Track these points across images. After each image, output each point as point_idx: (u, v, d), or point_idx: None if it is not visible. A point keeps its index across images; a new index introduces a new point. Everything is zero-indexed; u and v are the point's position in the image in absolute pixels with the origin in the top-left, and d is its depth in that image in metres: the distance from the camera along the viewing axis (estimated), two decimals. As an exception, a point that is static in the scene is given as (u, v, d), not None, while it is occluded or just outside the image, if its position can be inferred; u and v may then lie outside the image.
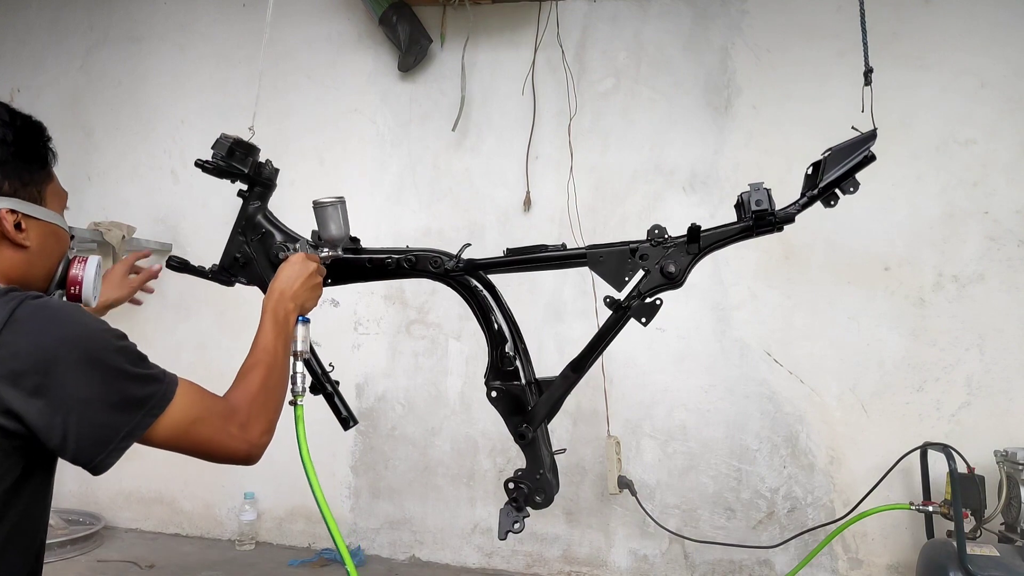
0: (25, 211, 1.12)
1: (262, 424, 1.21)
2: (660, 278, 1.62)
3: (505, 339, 1.74)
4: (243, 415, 1.18)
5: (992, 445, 2.63)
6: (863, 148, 1.54)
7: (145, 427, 1.03)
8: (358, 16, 3.59)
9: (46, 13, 4.12)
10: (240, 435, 1.16)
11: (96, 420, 0.99)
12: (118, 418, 1.01)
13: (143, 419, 1.03)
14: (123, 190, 3.90)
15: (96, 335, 1.02)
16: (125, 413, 1.01)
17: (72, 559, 3.31)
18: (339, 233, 1.62)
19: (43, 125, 1.21)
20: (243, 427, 1.17)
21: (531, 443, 1.71)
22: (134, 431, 1.02)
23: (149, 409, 1.04)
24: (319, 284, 1.55)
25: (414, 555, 3.41)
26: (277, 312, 1.41)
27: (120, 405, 1.01)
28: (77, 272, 1.23)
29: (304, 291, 1.48)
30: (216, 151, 1.70)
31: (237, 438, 1.16)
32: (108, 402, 1.00)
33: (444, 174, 3.47)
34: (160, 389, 1.06)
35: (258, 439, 1.20)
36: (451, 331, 3.42)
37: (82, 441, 0.98)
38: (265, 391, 1.26)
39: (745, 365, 3.08)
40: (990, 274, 2.85)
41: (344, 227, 1.63)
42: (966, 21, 2.91)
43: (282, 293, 1.44)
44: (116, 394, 1.01)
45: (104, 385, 0.99)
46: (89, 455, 1.00)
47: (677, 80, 3.22)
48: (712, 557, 3.07)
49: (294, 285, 1.46)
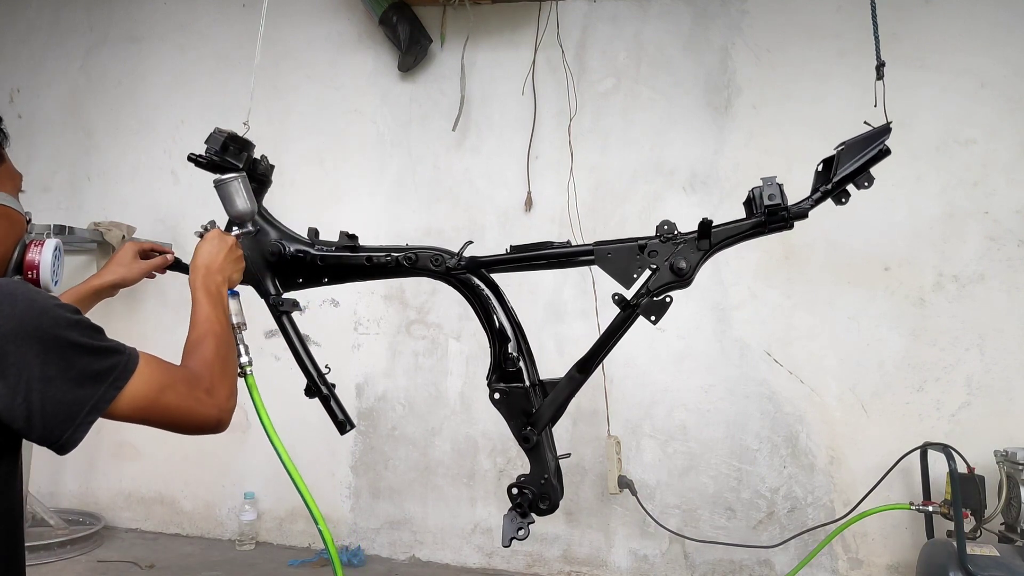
0: None
1: (226, 388, 1.20)
2: (670, 275, 1.57)
3: (508, 339, 1.69)
4: (207, 381, 1.16)
5: (992, 445, 2.62)
6: (878, 142, 1.51)
7: (110, 399, 1.01)
8: (358, 16, 3.59)
9: (46, 13, 4.12)
10: (209, 400, 1.14)
11: (58, 397, 0.96)
12: (81, 392, 0.98)
13: (107, 391, 1.00)
14: (123, 190, 3.89)
15: (49, 311, 0.99)
16: (87, 387, 0.99)
17: (72, 559, 3.30)
18: (245, 207, 1.54)
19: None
20: (209, 392, 1.15)
21: (536, 447, 1.66)
22: (99, 404, 1.00)
23: (112, 381, 1.01)
24: (241, 256, 1.53)
25: (414, 555, 3.41)
26: (208, 286, 1.38)
27: (81, 379, 0.98)
28: (34, 256, 1.19)
29: (228, 264, 1.46)
30: (210, 146, 1.67)
31: (206, 403, 1.14)
32: (68, 377, 0.97)
33: (444, 174, 3.47)
34: (121, 360, 1.04)
35: (226, 403, 1.18)
36: (451, 331, 3.41)
37: (47, 419, 0.96)
38: (220, 358, 1.24)
39: (745, 365, 3.07)
40: (990, 274, 2.85)
41: (249, 201, 1.56)
42: (966, 21, 2.91)
43: (208, 268, 1.41)
44: (75, 369, 0.98)
45: (63, 361, 0.97)
46: (56, 433, 0.97)
47: (677, 80, 3.22)
48: (712, 557, 3.07)
49: (218, 259, 1.43)
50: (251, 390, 1.52)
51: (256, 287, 1.78)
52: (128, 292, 3.98)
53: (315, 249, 1.77)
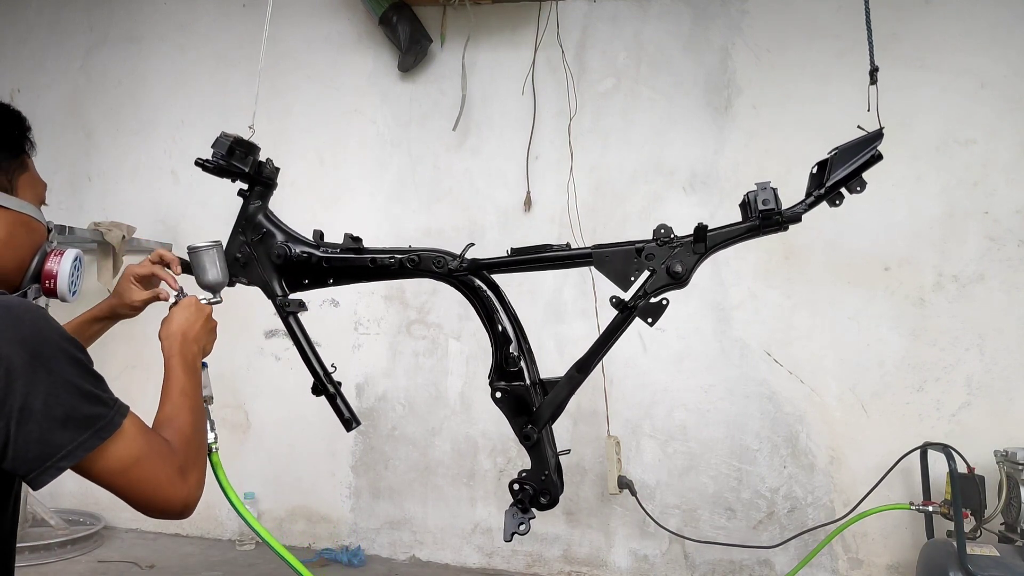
0: None
1: (198, 472, 1.12)
2: (666, 278, 1.61)
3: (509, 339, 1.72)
4: (181, 458, 1.09)
5: (992, 445, 2.63)
6: (870, 147, 1.53)
7: (87, 450, 0.95)
8: (358, 16, 3.59)
9: (46, 13, 4.12)
10: (180, 482, 1.06)
11: (36, 434, 0.92)
12: (60, 435, 0.93)
13: (87, 440, 0.95)
14: (123, 190, 3.90)
15: (51, 342, 0.96)
16: (68, 430, 0.94)
17: (72, 559, 3.30)
18: (216, 278, 1.51)
19: (21, 115, 1.17)
20: (182, 472, 1.07)
21: (536, 444, 1.69)
22: (75, 452, 0.94)
23: (95, 431, 0.96)
24: (215, 327, 1.47)
25: (414, 555, 3.41)
26: (185, 355, 1.32)
27: (64, 421, 0.94)
28: (52, 266, 1.16)
29: (204, 333, 1.41)
30: (216, 150, 1.69)
31: (177, 485, 1.06)
32: (51, 415, 0.93)
33: (444, 174, 3.47)
34: (108, 413, 0.99)
35: (195, 489, 1.10)
36: (451, 331, 3.42)
37: (19, 452, 0.92)
38: (196, 435, 1.17)
39: (745, 365, 3.08)
40: (990, 274, 2.85)
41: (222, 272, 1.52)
42: (966, 21, 2.91)
43: (184, 335, 1.35)
44: (61, 408, 0.93)
45: (50, 396, 0.93)
46: (24, 469, 0.93)
47: (677, 80, 3.22)
48: (712, 557, 3.07)
49: (195, 327, 1.38)
50: (215, 468, 1.46)
51: (263, 288, 1.80)
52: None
53: (320, 251, 1.80)
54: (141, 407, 1.07)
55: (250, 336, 3.60)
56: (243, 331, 3.57)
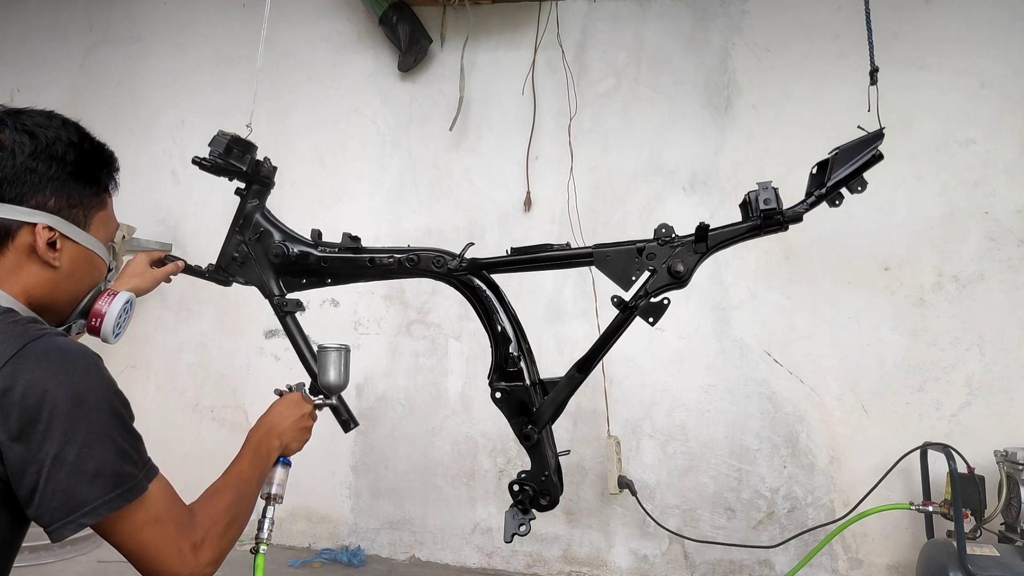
0: (63, 231, 1.07)
1: (214, 552, 1.09)
2: (667, 277, 1.60)
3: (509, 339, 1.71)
4: (200, 534, 1.07)
5: (992, 445, 2.63)
6: (870, 147, 1.54)
7: (111, 510, 0.95)
8: (358, 16, 3.59)
9: (46, 13, 4.12)
10: (190, 557, 1.04)
11: (64, 484, 0.91)
12: (87, 490, 0.93)
13: (113, 500, 0.95)
14: (123, 190, 3.86)
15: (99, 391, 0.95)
16: (96, 486, 0.93)
17: (72, 559, 3.30)
18: (337, 381, 1.52)
19: (113, 155, 1.19)
20: (195, 548, 1.05)
21: (536, 445, 1.69)
22: (98, 510, 0.93)
23: (123, 492, 0.95)
24: (309, 428, 1.45)
25: (414, 555, 3.41)
26: (260, 445, 1.33)
27: (94, 476, 0.93)
28: (102, 306, 1.16)
29: (292, 431, 1.39)
30: (214, 148, 1.69)
31: (186, 559, 1.03)
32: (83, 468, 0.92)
33: (444, 174, 3.47)
34: (137, 475, 0.98)
35: (205, 567, 1.06)
36: (451, 331, 3.41)
37: (44, 503, 0.92)
38: (228, 517, 1.15)
39: (745, 365, 3.07)
40: (990, 274, 2.85)
41: (344, 376, 1.52)
42: (966, 21, 2.91)
43: (270, 428, 1.36)
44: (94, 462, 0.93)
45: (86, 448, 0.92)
46: (48, 519, 0.93)
47: (677, 80, 3.22)
48: (712, 557, 3.07)
49: (284, 423, 1.38)
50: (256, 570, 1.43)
51: (260, 288, 1.80)
52: (128, 292, 3.98)
53: (318, 250, 1.79)
54: (141, 406, 1.07)
55: (250, 336, 3.60)
56: (243, 331, 3.57)
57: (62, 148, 1.08)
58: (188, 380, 3.63)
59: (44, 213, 1.06)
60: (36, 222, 1.05)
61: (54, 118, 1.11)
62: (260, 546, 1.41)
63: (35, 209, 1.05)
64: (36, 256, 1.06)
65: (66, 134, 1.10)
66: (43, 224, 1.05)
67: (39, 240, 1.05)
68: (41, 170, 1.06)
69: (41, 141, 1.06)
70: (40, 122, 1.09)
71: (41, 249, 1.05)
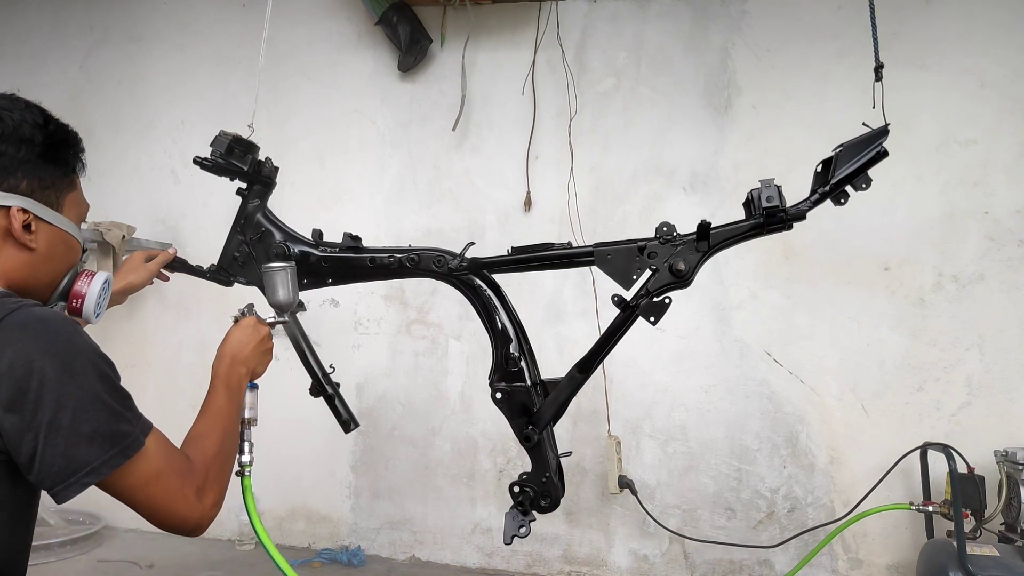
0: (37, 212, 1.08)
1: (216, 493, 1.14)
2: (669, 276, 1.60)
3: (510, 339, 1.71)
4: (200, 478, 1.11)
5: (992, 445, 2.63)
6: (875, 144, 1.53)
7: (112, 468, 0.98)
8: (358, 16, 3.59)
9: (46, 13, 4.12)
10: (195, 502, 1.09)
11: (63, 448, 0.94)
12: (86, 451, 0.95)
13: (112, 458, 0.98)
14: (123, 190, 3.89)
15: (85, 356, 0.98)
16: (94, 447, 0.96)
17: (72, 559, 3.30)
18: (287, 298, 1.54)
19: (77, 136, 1.20)
20: (199, 492, 1.10)
21: (537, 445, 1.68)
22: (99, 469, 0.97)
23: (121, 449, 0.99)
24: (270, 349, 1.47)
25: (414, 555, 3.41)
26: (230, 377, 1.34)
27: (91, 437, 0.96)
28: (81, 286, 1.17)
29: (255, 356, 1.41)
30: (215, 148, 1.69)
31: (192, 504, 1.08)
32: (79, 431, 0.95)
33: (444, 174, 3.47)
34: (133, 431, 1.01)
35: (210, 509, 1.12)
36: (451, 331, 3.41)
37: (45, 466, 0.94)
38: (220, 457, 1.19)
39: (745, 365, 3.07)
40: (990, 274, 2.85)
41: (292, 293, 1.55)
42: (966, 21, 2.91)
43: (234, 358, 1.37)
44: (89, 424, 0.96)
45: (79, 411, 0.95)
46: (51, 482, 0.96)
47: (677, 80, 3.22)
48: (712, 557, 3.07)
49: (245, 350, 1.39)
50: (245, 492, 1.47)
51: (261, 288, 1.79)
52: (128, 292, 3.97)
53: (319, 250, 1.79)
54: (141, 406, 1.07)
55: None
56: (243, 331, 3.56)
57: (29, 130, 1.09)
58: (188, 380, 3.63)
59: (18, 196, 1.07)
60: (11, 205, 1.06)
61: (17, 101, 1.12)
62: (245, 469, 1.45)
63: (8, 192, 1.06)
64: (12, 239, 1.07)
65: (31, 116, 1.11)
66: (17, 207, 1.06)
67: (15, 223, 1.06)
68: (11, 153, 1.07)
69: (8, 124, 1.07)
70: (4, 105, 1.09)
71: (17, 231, 1.06)
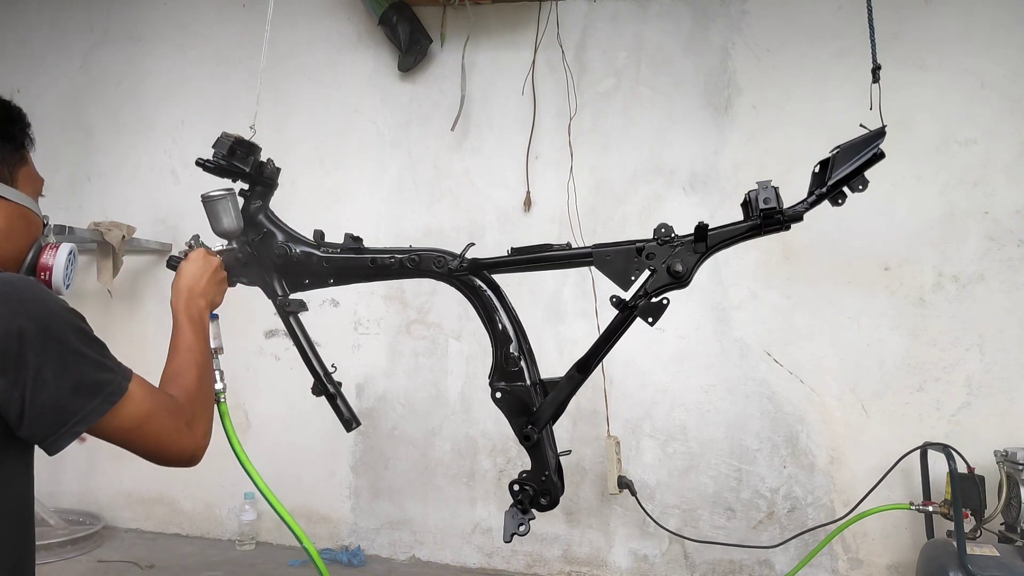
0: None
1: (204, 423, 1.20)
2: (667, 277, 1.60)
3: (510, 339, 1.72)
4: (188, 413, 1.16)
5: (992, 445, 2.63)
6: (872, 145, 1.53)
7: (100, 415, 1.01)
8: (358, 16, 3.59)
9: (46, 13, 4.12)
10: (188, 434, 1.14)
11: (51, 401, 0.97)
12: (73, 401, 0.99)
13: (99, 406, 1.01)
14: (123, 190, 3.89)
15: (56, 314, 1.00)
16: (80, 397, 0.99)
17: (72, 559, 3.30)
18: (231, 226, 1.54)
19: (21, 111, 1.20)
20: (190, 425, 1.15)
21: (536, 444, 1.69)
22: (88, 416, 1.00)
23: (106, 396, 1.02)
24: (224, 279, 1.52)
25: (414, 555, 3.41)
26: (191, 311, 1.38)
27: (75, 388, 0.99)
28: (47, 259, 1.21)
29: (211, 286, 1.46)
30: (217, 150, 1.69)
31: (186, 437, 1.13)
32: (64, 384, 0.98)
33: (444, 174, 3.47)
34: (115, 378, 1.04)
35: (202, 439, 1.18)
36: (451, 331, 3.41)
37: (34, 419, 0.97)
38: (201, 390, 1.24)
39: (745, 365, 3.08)
40: (990, 274, 2.85)
41: (236, 219, 1.55)
42: (966, 21, 2.91)
43: (191, 291, 1.40)
44: (72, 376, 0.99)
45: (60, 366, 0.98)
46: (41, 434, 0.99)
47: (677, 80, 3.22)
48: (712, 557, 3.07)
49: (200, 282, 1.43)
50: (223, 417, 1.51)
51: (264, 288, 1.81)
52: (128, 292, 3.99)
53: (321, 251, 1.80)
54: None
55: (250, 336, 3.60)
56: (243, 331, 3.56)
57: None
58: (188, 380, 3.63)
59: None
60: None
61: None
62: (220, 396, 1.51)
63: None
64: None
65: None
66: None
67: None
68: None
69: None
70: None
71: None
